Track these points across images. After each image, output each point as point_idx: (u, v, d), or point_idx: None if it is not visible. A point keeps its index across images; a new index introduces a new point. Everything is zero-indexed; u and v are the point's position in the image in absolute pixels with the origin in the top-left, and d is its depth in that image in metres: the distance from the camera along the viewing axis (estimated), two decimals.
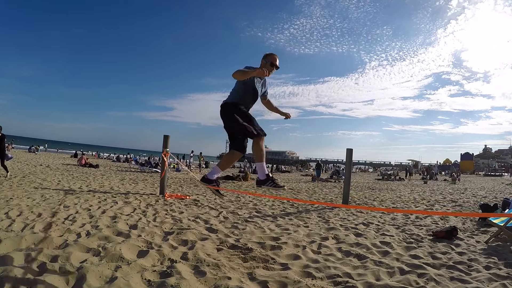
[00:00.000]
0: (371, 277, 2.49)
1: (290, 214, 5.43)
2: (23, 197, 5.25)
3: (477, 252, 3.30)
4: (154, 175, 13.26)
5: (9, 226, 3.36)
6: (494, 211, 5.27)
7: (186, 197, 6.67)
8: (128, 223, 3.92)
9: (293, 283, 2.28)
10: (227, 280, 2.25)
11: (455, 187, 16.00)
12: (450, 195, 10.51)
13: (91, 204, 5.07)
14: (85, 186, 7.70)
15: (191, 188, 8.94)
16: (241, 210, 5.52)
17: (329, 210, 6.20)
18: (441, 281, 2.42)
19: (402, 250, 3.30)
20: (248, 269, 2.54)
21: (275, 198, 7.43)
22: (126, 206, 5.13)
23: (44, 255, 2.46)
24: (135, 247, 2.86)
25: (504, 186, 17.48)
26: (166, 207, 5.35)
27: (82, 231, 3.31)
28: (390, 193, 10.94)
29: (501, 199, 7.38)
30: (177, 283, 2.13)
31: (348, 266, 2.76)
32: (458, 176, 24.49)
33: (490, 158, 71.04)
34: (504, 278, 2.53)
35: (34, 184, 7.36)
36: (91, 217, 4.09)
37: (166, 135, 7.34)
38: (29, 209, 4.25)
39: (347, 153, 7.36)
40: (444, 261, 2.94)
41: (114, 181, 9.70)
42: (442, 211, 6.46)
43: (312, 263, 2.78)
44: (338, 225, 4.61)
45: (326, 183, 16.66)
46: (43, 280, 1.99)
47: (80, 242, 2.89)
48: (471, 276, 2.58)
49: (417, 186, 16.38)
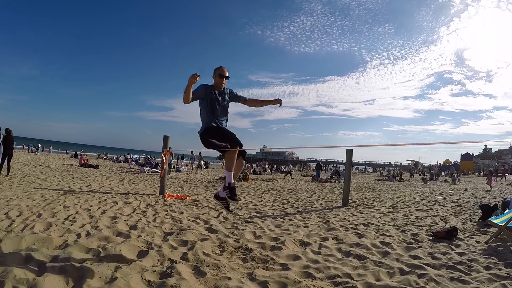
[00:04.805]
0: (371, 277, 2.49)
1: (290, 215, 5.43)
2: (23, 197, 5.26)
3: (477, 253, 3.30)
4: (154, 176, 13.27)
5: (9, 226, 3.36)
6: (494, 211, 5.27)
7: (186, 198, 6.67)
8: (128, 223, 3.92)
9: (293, 283, 2.28)
10: (227, 281, 2.25)
11: (455, 187, 16.00)
12: (450, 196, 10.51)
13: (91, 204, 5.07)
14: (85, 186, 7.70)
15: (191, 189, 8.95)
16: (241, 210, 5.52)
17: (329, 210, 6.20)
18: (441, 282, 2.42)
19: (402, 251, 3.30)
20: (248, 270, 2.54)
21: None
22: (126, 206, 5.13)
23: (44, 255, 2.46)
24: (135, 248, 2.87)
25: (504, 186, 17.48)
26: (166, 207, 5.35)
27: (82, 232, 3.32)
28: (390, 193, 10.94)
29: (501, 199, 7.38)
30: (177, 283, 2.13)
31: (348, 266, 2.76)
32: (458, 176, 24.48)
33: (490, 158, 71.07)
34: (504, 278, 2.53)
35: (34, 184, 7.36)
36: (91, 217, 4.09)
37: (166, 135, 7.36)
38: (29, 209, 4.25)
39: (347, 154, 7.37)
40: (444, 262, 2.94)
41: (114, 181, 9.70)
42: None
43: (312, 263, 2.78)
44: (338, 225, 4.61)
45: (326, 183, 16.66)
46: (43, 280, 1.99)
47: (80, 242, 2.89)
48: (471, 277, 2.58)
49: (417, 186, 16.37)
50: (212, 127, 2.79)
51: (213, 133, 2.76)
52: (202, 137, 2.83)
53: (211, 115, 2.80)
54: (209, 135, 2.77)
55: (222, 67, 2.91)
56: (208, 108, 2.81)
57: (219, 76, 2.86)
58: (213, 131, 2.77)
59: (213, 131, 2.77)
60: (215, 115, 2.81)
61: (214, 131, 2.77)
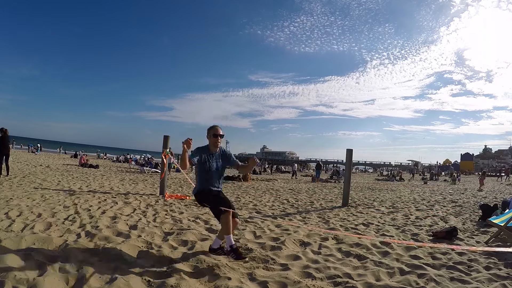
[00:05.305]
0: (371, 277, 2.49)
1: (290, 215, 5.43)
2: (23, 197, 5.26)
3: (477, 253, 3.30)
4: (154, 176, 13.27)
5: (9, 226, 3.36)
6: (494, 211, 5.28)
7: (186, 198, 6.67)
8: (128, 223, 3.92)
9: (293, 283, 2.27)
10: (227, 281, 2.25)
11: (455, 187, 16.00)
12: (450, 196, 10.52)
13: (91, 204, 5.07)
14: (85, 186, 7.70)
15: (191, 189, 8.94)
16: (241, 210, 5.52)
17: (329, 210, 6.20)
18: (441, 282, 2.42)
19: (402, 251, 3.30)
20: (248, 270, 2.54)
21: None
22: (126, 206, 5.13)
23: (44, 255, 2.46)
24: (135, 248, 2.86)
25: (504, 187, 17.48)
26: (166, 207, 5.35)
27: (82, 232, 3.32)
28: (390, 193, 10.94)
29: (501, 199, 7.39)
30: (177, 283, 2.13)
31: (348, 266, 2.76)
32: (458, 176, 24.49)
33: (490, 158, 71.12)
34: (504, 278, 2.53)
35: (34, 184, 7.36)
36: (91, 217, 4.09)
37: (166, 135, 7.36)
38: (29, 209, 4.25)
39: (347, 154, 7.37)
40: (444, 262, 2.94)
41: (114, 181, 9.70)
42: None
43: (312, 263, 2.78)
44: (338, 225, 4.61)
45: (326, 183, 16.66)
46: (43, 280, 1.99)
47: (80, 242, 2.89)
48: (471, 277, 2.58)
49: (417, 186, 16.38)
50: (206, 190, 2.85)
51: (206, 198, 2.84)
52: (196, 197, 2.92)
53: (205, 182, 2.86)
54: (202, 198, 2.86)
55: (216, 126, 2.93)
56: (203, 173, 2.86)
57: (213, 135, 2.87)
58: (207, 195, 2.84)
59: (206, 196, 2.84)
60: (209, 182, 2.87)
61: (207, 195, 2.84)
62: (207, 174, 2.84)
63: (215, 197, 2.80)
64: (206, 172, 2.83)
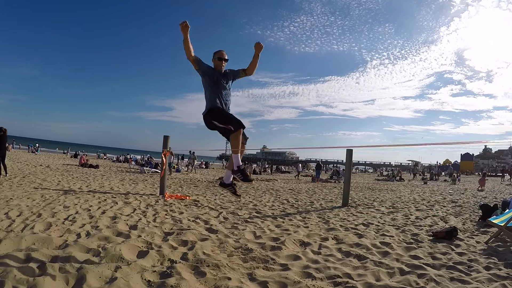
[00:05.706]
0: (371, 277, 2.49)
1: (290, 215, 5.43)
2: (23, 197, 5.25)
3: (477, 253, 3.30)
4: (154, 176, 13.27)
5: (9, 226, 3.36)
6: (494, 211, 5.27)
7: (186, 198, 6.67)
8: (128, 223, 3.92)
9: (293, 283, 2.28)
10: (227, 281, 2.25)
11: (455, 187, 16.00)
12: (450, 196, 10.51)
13: (91, 204, 5.07)
14: (85, 186, 7.70)
15: (191, 189, 8.95)
16: (241, 210, 5.52)
17: (329, 210, 6.20)
18: (441, 282, 2.42)
19: (402, 251, 3.30)
20: (248, 270, 2.54)
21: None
22: (126, 206, 5.13)
23: (44, 255, 2.46)
24: (135, 248, 2.87)
25: (504, 187, 17.48)
26: (166, 207, 5.35)
27: (82, 232, 3.31)
28: (390, 193, 10.94)
29: (501, 199, 7.38)
30: (177, 283, 2.13)
31: (348, 266, 2.76)
32: (458, 176, 24.49)
33: (490, 158, 71.07)
34: (504, 278, 2.53)
35: (34, 184, 7.36)
36: (91, 217, 4.09)
37: (166, 135, 7.37)
38: (29, 209, 4.25)
39: (347, 154, 7.37)
40: (444, 262, 2.94)
41: (114, 181, 9.70)
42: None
43: (312, 263, 2.78)
44: (338, 225, 4.61)
45: (326, 183, 16.66)
46: (43, 280, 1.99)
47: (80, 242, 2.89)
48: (471, 277, 2.58)
49: (417, 186, 16.37)
50: (216, 108, 2.76)
51: (216, 115, 2.74)
52: (206, 118, 2.80)
53: (216, 94, 2.77)
54: (212, 116, 2.75)
55: (221, 51, 2.89)
56: (212, 87, 2.78)
57: (218, 59, 2.85)
58: (217, 112, 2.74)
59: (217, 113, 2.75)
60: (220, 94, 2.79)
61: (217, 112, 2.74)
62: (216, 88, 2.77)
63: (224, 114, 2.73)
64: (215, 86, 2.77)
